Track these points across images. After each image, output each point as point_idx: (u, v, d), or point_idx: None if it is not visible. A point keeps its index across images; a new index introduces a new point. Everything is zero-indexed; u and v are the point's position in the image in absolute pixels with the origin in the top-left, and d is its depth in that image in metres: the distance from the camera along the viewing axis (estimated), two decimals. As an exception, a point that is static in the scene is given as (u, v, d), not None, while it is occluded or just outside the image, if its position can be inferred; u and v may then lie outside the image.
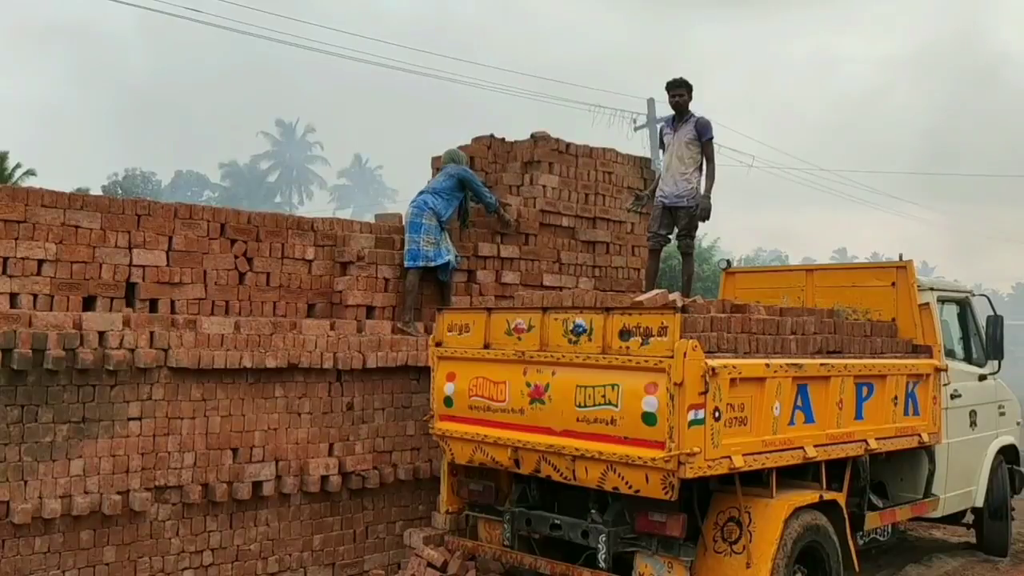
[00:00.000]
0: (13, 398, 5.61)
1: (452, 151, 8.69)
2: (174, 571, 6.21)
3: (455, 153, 8.65)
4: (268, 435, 6.68)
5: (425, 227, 7.87)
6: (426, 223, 7.88)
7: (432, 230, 7.90)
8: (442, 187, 8.16)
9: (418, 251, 7.82)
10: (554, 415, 5.67)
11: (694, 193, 8.05)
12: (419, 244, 7.82)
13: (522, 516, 6.08)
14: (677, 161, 8.06)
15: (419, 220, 7.90)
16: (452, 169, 8.32)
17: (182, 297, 6.81)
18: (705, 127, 8.03)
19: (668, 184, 8.13)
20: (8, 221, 6.06)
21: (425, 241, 7.84)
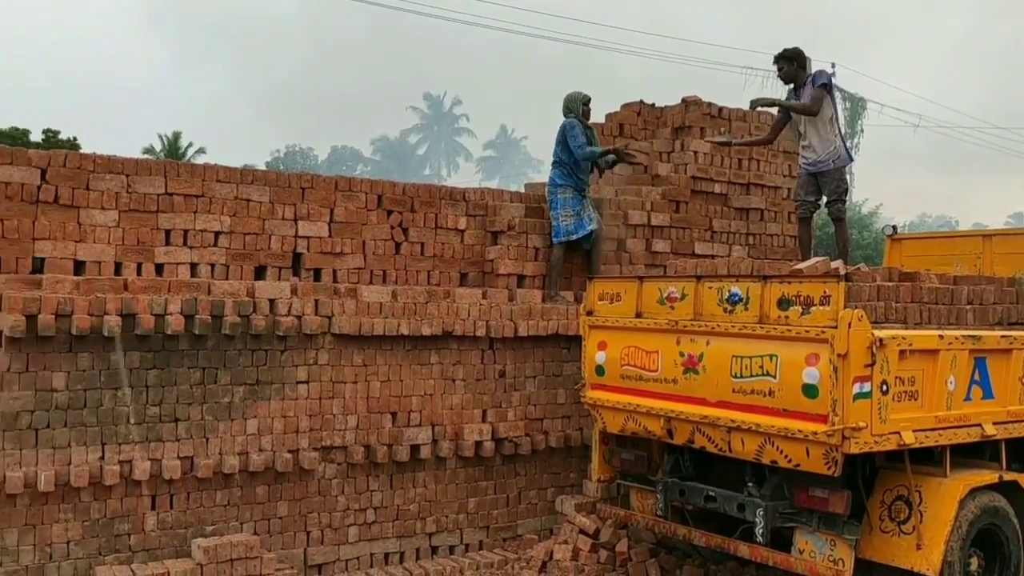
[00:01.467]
0: (195, 361, 6.04)
1: (566, 97, 8.14)
2: (340, 527, 6.55)
3: (567, 100, 8.12)
4: (424, 400, 6.90)
5: (560, 202, 7.82)
6: (560, 197, 7.83)
7: (568, 203, 7.82)
8: (558, 154, 7.92)
9: (559, 227, 7.80)
10: (709, 385, 5.56)
11: (838, 153, 7.67)
12: (559, 220, 7.80)
13: (675, 487, 6.02)
14: (811, 127, 7.69)
15: (554, 196, 7.86)
16: (563, 127, 7.99)
17: (343, 267, 7.11)
18: (817, 76, 7.69)
19: (809, 152, 7.76)
20: (188, 196, 6.50)
21: (564, 216, 7.80)
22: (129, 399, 5.80)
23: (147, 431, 5.85)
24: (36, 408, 5.53)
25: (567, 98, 8.10)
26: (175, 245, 6.47)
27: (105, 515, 5.73)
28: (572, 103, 8.05)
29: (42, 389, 5.55)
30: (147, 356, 5.88)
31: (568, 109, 8.04)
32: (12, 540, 5.46)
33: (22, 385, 5.50)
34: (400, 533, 6.80)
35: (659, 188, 8.76)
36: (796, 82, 7.74)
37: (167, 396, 5.93)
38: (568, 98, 8.10)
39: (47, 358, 5.58)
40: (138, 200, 6.34)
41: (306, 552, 6.42)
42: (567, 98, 8.10)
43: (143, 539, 5.83)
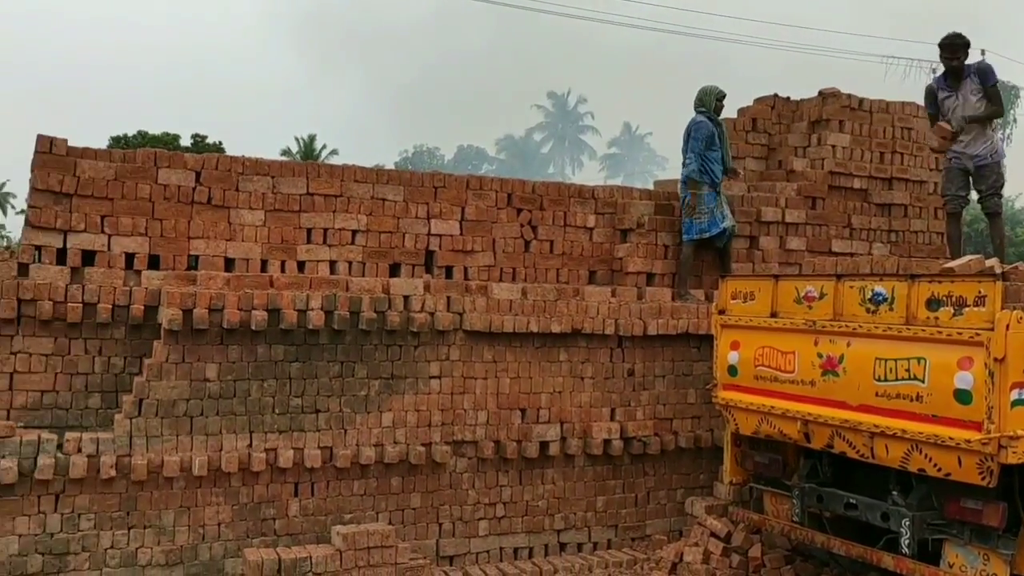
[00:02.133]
0: (334, 355, 6.27)
1: (700, 91, 7.97)
2: (471, 520, 6.67)
3: (700, 94, 7.95)
4: (553, 397, 6.93)
5: (696, 198, 7.68)
6: (695, 193, 7.69)
7: (702, 200, 7.68)
8: (689, 151, 7.74)
9: (691, 224, 7.66)
10: (849, 388, 5.34)
11: (995, 148, 7.25)
12: (691, 218, 7.66)
13: (813, 492, 5.82)
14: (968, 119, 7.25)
15: (686, 193, 7.73)
16: (689, 124, 7.83)
17: (474, 264, 7.23)
18: (986, 73, 7.25)
19: (966, 145, 7.31)
20: (328, 196, 6.76)
21: (698, 213, 7.66)
22: (274, 390, 6.09)
23: (290, 421, 6.12)
24: (191, 397, 5.88)
25: (701, 92, 7.95)
26: (316, 243, 6.74)
27: (252, 500, 6.04)
28: (706, 97, 7.90)
29: (196, 379, 5.90)
30: (290, 349, 6.15)
31: (701, 103, 7.90)
32: (169, 521, 5.83)
33: (179, 375, 5.86)
34: (529, 528, 6.86)
35: (794, 184, 8.48)
36: (958, 72, 7.32)
37: (308, 388, 6.19)
38: (702, 91, 7.95)
39: (201, 350, 5.92)
40: (282, 200, 6.65)
41: (438, 543, 6.57)
42: (701, 92, 7.95)
43: (287, 524, 6.11)
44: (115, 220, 6.19)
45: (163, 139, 21.54)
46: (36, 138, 6.09)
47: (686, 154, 7.74)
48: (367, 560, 5.78)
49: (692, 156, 7.68)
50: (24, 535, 5.47)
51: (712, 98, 7.87)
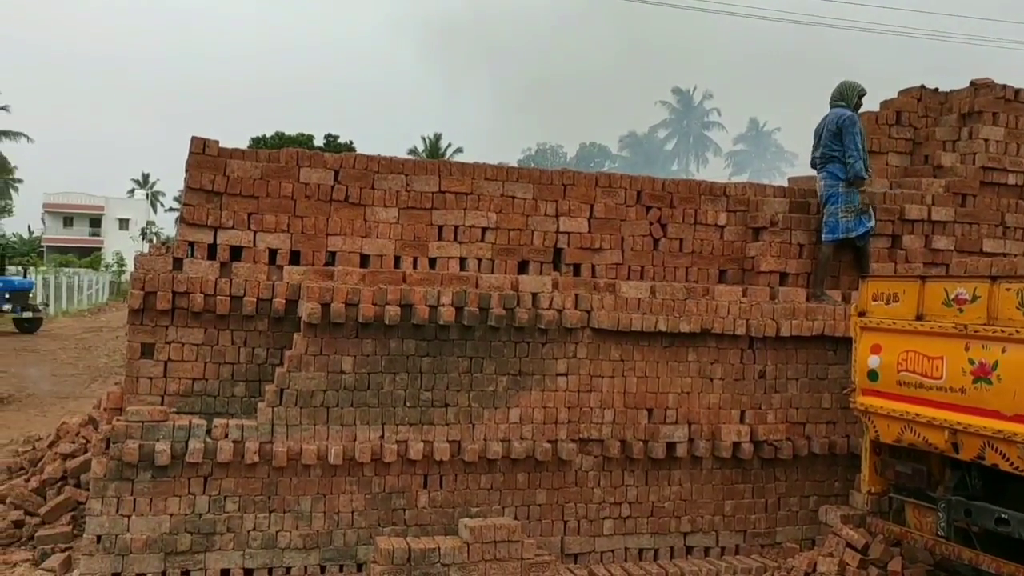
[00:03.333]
0: (463, 350, 6.38)
1: (841, 86, 7.69)
2: (596, 519, 6.65)
3: (843, 89, 7.66)
4: (681, 398, 6.83)
5: (843, 197, 7.38)
6: (842, 192, 7.39)
7: (849, 197, 7.38)
8: (832, 148, 7.44)
9: (836, 223, 7.37)
10: (1004, 397, 5.03)
11: None
12: (837, 216, 7.36)
13: (960, 505, 5.51)
14: None
15: (833, 191, 7.42)
16: (831, 118, 7.49)
17: (602, 262, 7.20)
18: None
19: None
20: (459, 193, 6.87)
21: (844, 212, 7.35)
22: (405, 384, 6.24)
23: (420, 414, 6.27)
24: (328, 388, 6.11)
25: (843, 86, 7.67)
26: (446, 240, 6.87)
27: (384, 490, 6.21)
28: (848, 92, 7.62)
29: (333, 371, 6.11)
30: (421, 344, 6.30)
31: (841, 97, 7.62)
32: (306, 506, 6.07)
33: (316, 367, 6.09)
34: (655, 530, 6.78)
35: (942, 180, 8.04)
36: None
37: (438, 382, 6.31)
38: (844, 86, 7.67)
39: (337, 343, 6.14)
40: (415, 198, 6.80)
41: (563, 540, 6.58)
42: (843, 86, 7.67)
43: (416, 514, 6.26)
44: (260, 217, 6.49)
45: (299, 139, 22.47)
46: (191, 140, 6.45)
47: (846, 150, 7.37)
48: (494, 554, 5.86)
49: (855, 153, 7.37)
50: (175, 514, 5.81)
51: (854, 94, 7.61)
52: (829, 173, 7.48)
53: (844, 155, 7.39)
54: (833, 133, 7.45)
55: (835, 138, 7.44)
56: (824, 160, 7.54)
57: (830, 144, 7.48)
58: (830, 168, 7.48)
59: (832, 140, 7.46)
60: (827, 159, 7.50)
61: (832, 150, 7.47)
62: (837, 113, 7.50)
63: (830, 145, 7.48)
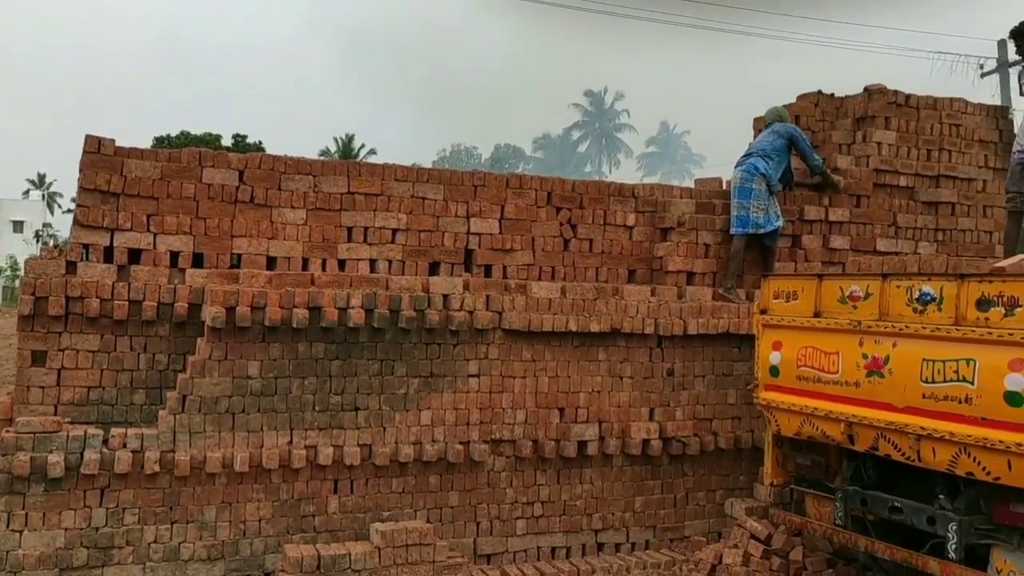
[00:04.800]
0: (374, 353, 6.31)
1: (777, 109, 8.28)
2: (508, 519, 6.66)
3: (781, 111, 8.24)
4: (592, 397, 6.90)
5: (755, 192, 7.62)
6: (756, 188, 7.63)
7: (762, 195, 7.64)
8: (771, 148, 7.79)
9: (747, 217, 7.59)
10: (895, 390, 5.24)
11: None
12: (748, 210, 7.59)
13: (856, 495, 5.72)
14: None
15: (749, 185, 7.66)
16: (780, 128, 7.92)
17: (513, 263, 7.22)
18: None
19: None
20: (368, 195, 6.79)
21: (755, 207, 7.59)
22: (314, 388, 6.13)
23: (330, 418, 6.17)
24: (233, 394, 5.95)
25: (779, 110, 8.26)
26: (356, 242, 6.78)
27: (293, 496, 6.09)
28: (784, 114, 8.24)
29: (238, 376, 5.96)
30: (330, 347, 6.20)
31: (780, 118, 8.16)
32: (211, 516, 5.90)
33: (221, 372, 5.93)
34: (567, 528, 6.84)
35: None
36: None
37: (348, 386, 6.23)
38: (779, 110, 8.26)
39: (243, 347, 5.99)
40: (324, 199, 6.70)
41: (475, 542, 6.57)
42: (779, 110, 8.26)
43: (326, 520, 6.16)
44: (161, 219, 6.28)
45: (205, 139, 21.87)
46: (84, 138, 6.20)
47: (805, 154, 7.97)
48: (405, 558, 5.81)
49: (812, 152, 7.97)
50: (70, 528, 5.58)
51: (787, 116, 8.22)
52: (751, 166, 7.72)
53: (808, 159, 7.92)
54: (779, 135, 7.85)
55: (778, 139, 7.83)
56: (747, 155, 7.80)
57: (766, 143, 7.83)
58: (752, 161, 7.73)
59: (773, 140, 7.84)
60: (750, 153, 7.77)
61: (765, 148, 7.77)
62: (788, 125, 8.01)
63: (770, 144, 7.83)
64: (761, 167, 7.69)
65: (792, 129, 7.95)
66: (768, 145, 7.84)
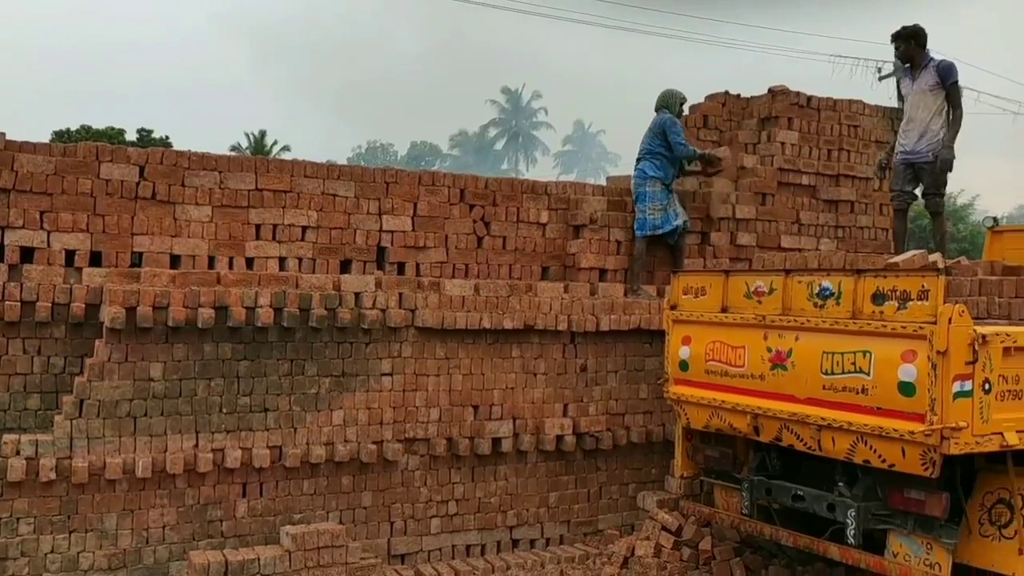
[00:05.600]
0: (284, 352, 6.18)
1: (664, 94, 8.10)
2: (423, 518, 6.62)
3: (665, 96, 8.07)
4: (506, 394, 6.91)
5: (648, 195, 7.73)
6: (649, 190, 7.74)
7: (656, 196, 7.74)
8: (652, 147, 7.83)
9: (645, 220, 7.71)
10: (797, 382, 5.41)
11: (939, 146, 7.32)
12: (645, 213, 7.71)
13: (762, 485, 5.88)
14: (918, 111, 7.37)
15: (642, 189, 7.77)
16: (654, 123, 7.90)
17: (426, 260, 7.18)
18: (947, 71, 7.31)
19: (910, 138, 7.45)
20: (277, 191, 6.65)
21: (651, 209, 7.71)
22: (222, 389, 5.97)
23: (238, 420, 6.02)
24: (134, 397, 5.74)
25: (665, 95, 8.08)
26: (265, 240, 6.64)
27: (199, 501, 5.92)
28: (670, 100, 8.03)
29: (140, 379, 5.76)
30: (238, 348, 6.04)
31: (665, 105, 8.02)
32: (111, 524, 5.69)
33: (121, 375, 5.72)
34: (481, 525, 6.84)
35: (745, 180, 8.58)
36: (914, 62, 7.45)
37: (257, 387, 6.08)
38: (666, 94, 8.08)
39: (145, 349, 5.78)
40: (230, 196, 6.53)
41: (389, 542, 6.51)
42: (665, 95, 8.08)
43: (234, 525, 6.00)
44: (55, 216, 6.02)
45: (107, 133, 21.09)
46: (-29, 131, 5.90)
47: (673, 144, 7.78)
48: (317, 560, 5.71)
49: (682, 141, 7.83)
50: (-41, 541, 5.30)
51: (676, 102, 8.05)
52: (640, 171, 7.84)
53: (673, 150, 7.79)
54: (655, 133, 7.83)
55: (653, 138, 7.80)
56: (638, 159, 7.88)
57: (650, 143, 7.84)
58: (641, 166, 7.84)
59: (649, 140, 7.82)
60: (640, 157, 7.85)
61: (651, 148, 7.82)
62: (662, 116, 7.90)
63: (650, 143, 7.85)
64: (649, 171, 7.78)
65: (662, 121, 7.86)
66: (649, 145, 7.87)
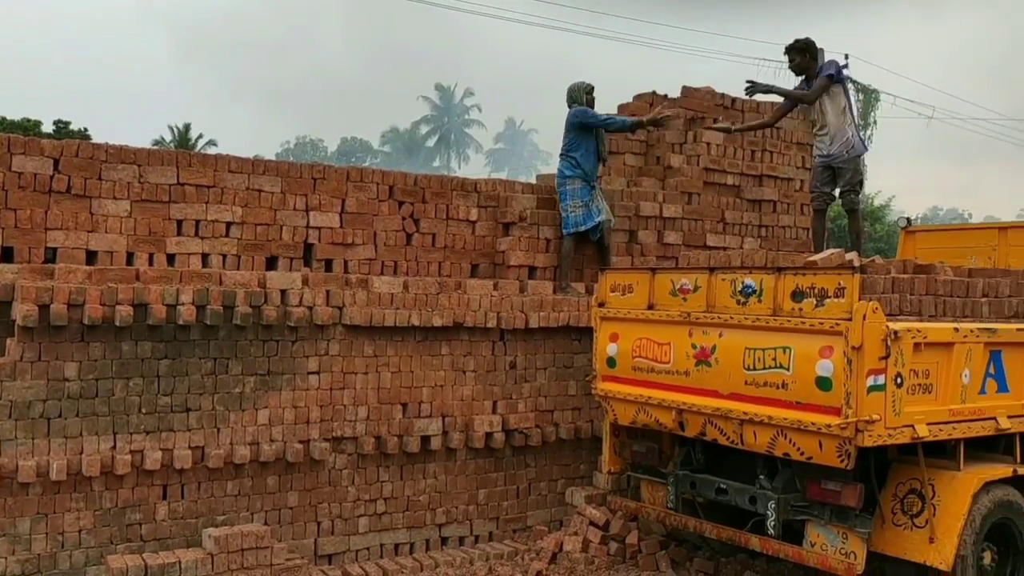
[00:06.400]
0: (207, 351, 6.04)
1: (570, 88, 8.08)
2: (350, 517, 6.55)
3: (571, 90, 8.05)
4: (435, 391, 6.89)
5: (569, 193, 7.78)
6: (569, 189, 7.79)
7: (577, 194, 7.79)
8: (569, 144, 7.86)
9: (568, 218, 7.77)
10: (721, 377, 5.53)
11: (851, 144, 7.58)
12: (567, 211, 7.77)
13: (687, 479, 6.00)
14: (826, 118, 7.60)
15: (563, 188, 7.83)
16: (569, 119, 7.91)
17: (354, 257, 7.11)
18: (826, 66, 7.60)
19: (825, 143, 7.66)
20: (200, 186, 6.50)
21: (572, 207, 7.76)
22: (141, 389, 5.81)
23: (158, 421, 5.86)
24: (48, 397, 5.55)
25: (571, 88, 8.06)
26: (187, 235, 6.48)
27: (117, 505, 5.75)
28: (576, 92, 8.01)
29: (54, 379, 5.56)
30: (159, 346, 5.89)
31: (572, 99, 8.01)
32: (24, 528, 5.48)
33: (35, 374, 5.51)
34: (410, 524, 6.81)
35: (672, 179, 8.72)
36: (808, 73, 7.67)
37: (178, 386, 5.94)
38: (572, 88, 8.06)
39: (59, 348, 5.59)
40: (150, 190, 6.35)
41: (316, 542, 6.43)
42: (571, 88, 8.06)
43: (154, 529, 5.85)
44: (-38, 209, 5.77)
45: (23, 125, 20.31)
46: None
47: (604, 126, 7.89)
48: (240, 563, 5.61)
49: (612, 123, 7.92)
50: None
51: (582, 93, 8.00)
52: (558, 171, 7.90)
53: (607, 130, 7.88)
54: (567, 130, 7.89)
55: (568, 134, 7.87)
56: (560, 158, 7.95)
57: (564, 142, 7.90)
58: (559, 166, 7.90)
59: (565, 138, 7.90)
60: (561, 156, 7.93)
61: (566, 147, 7.89)
62: (572, 112, 7.91)
63: (563, 144, 7.91)
64: (567, 170, 7.82)
65: (575, 116, 7.87)
66: (565, 143, 7.91)
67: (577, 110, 7.89)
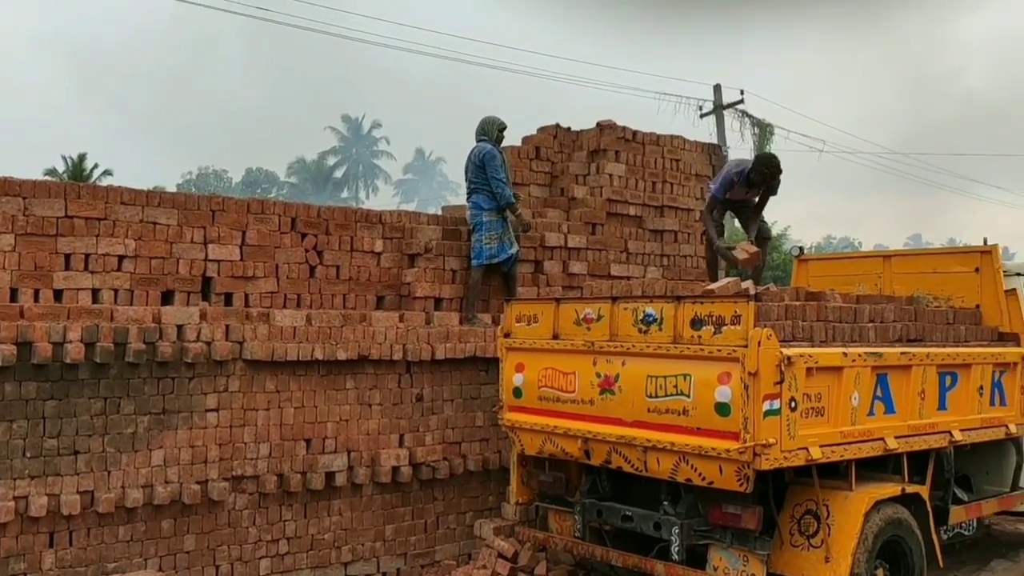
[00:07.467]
0: (96, 391, 5.79)
1: (482, 121, 8.06)
2: (251, 559, 6.34)
3: (484, 124, 8.05)
4: (340, 426, 6.77)
5: (485, 224, 7.80)
6: (486, 220, 7.81)
7: (493, 226, 7.81)
8: (478, 181, 7.86)
9: (481, 249, 7.78)
10: (624, 405, 5.61)
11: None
12: (481, 242, 7.78)
13: (593, 507, 6.03)
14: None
15: (478, 219, 7.83)
16: (476, 153, 7.90)
17: (255, 291, 6.93)
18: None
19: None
20: (90, 219, 6.25)
21: (487, 239, 7.78)
22: (25, 432, 5.51)
23: (44, 465, 5.57)
24: (-79, 443, 5.21)
25: (484, 122, 8.08)
26: (75, 270, 6.19)
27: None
28: (488, 127, 8.02)
29: (-72, 423, 5.23)
30: (44, 386, 5.61)
31: (483, 133, 8.01)
32: None
33: (-95, 419, 5.18)
34: (315, 563, 6.63)
35: (576, 210, 8.85)
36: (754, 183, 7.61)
37: (65, 428, 5.66)
38: (485, 122, 8.07)
39: (-66, 390, 5.27)
40: (36, 223, 6.06)
41: (216, 587, 6.19)
42: (484, 122, 8.08)
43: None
44: None
45: (-100, 154, 19.23)
46: None
47: (491, 181, 7.74)
48: (134, 612, 5.35)
49: (501, 182, 7.78)
50: None
51: (495, 128, 8.03)
52: (474, 203, 7.91)
53: (491, 186, 7.82)
54: (477, 166, 7.88)
55: (479, 171, 7.87)
56: (470, 191, 7.96)
57: (475, 177, 7.90)
58: (475, 199, 7.91)
59: (476, 173, 7.89)
60: (472, 190, 7.93)
61: (476, 182, 7.89)
62: (480, 147, 7.92)
63: (475, 178, 7.90)
64: (484, 203, 7.82)
65: (481, 154, 7.83)
66: (474, 179, 7.90)
67: (487, 152, 7.84)
